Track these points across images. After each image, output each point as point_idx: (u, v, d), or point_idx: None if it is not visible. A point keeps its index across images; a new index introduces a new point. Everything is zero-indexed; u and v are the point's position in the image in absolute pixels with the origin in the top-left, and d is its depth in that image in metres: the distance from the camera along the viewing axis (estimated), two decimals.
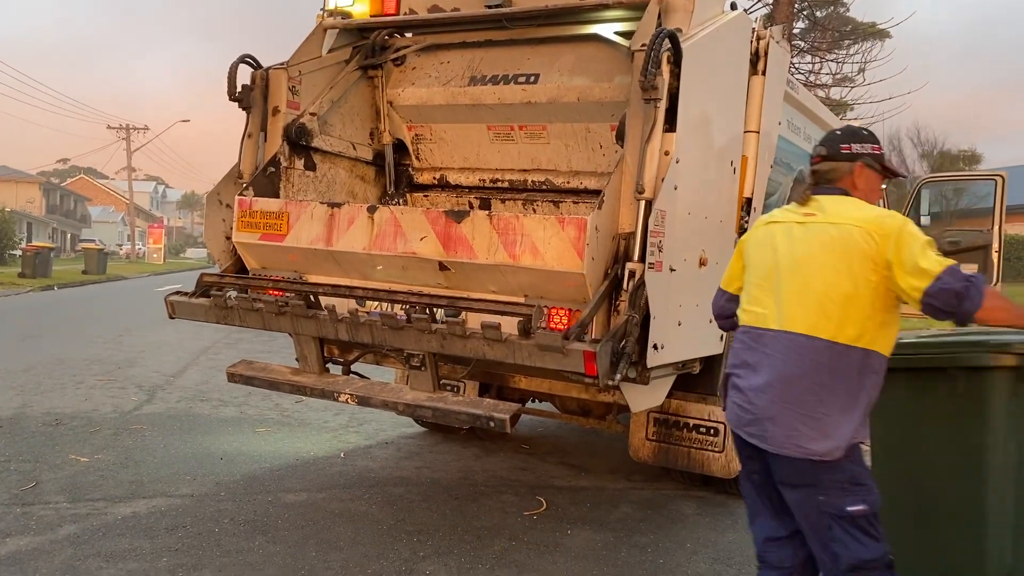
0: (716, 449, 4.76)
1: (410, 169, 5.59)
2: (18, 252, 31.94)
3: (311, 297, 4.16)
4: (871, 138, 2.83)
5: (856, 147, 2.77)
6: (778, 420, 2.58)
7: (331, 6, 5.14)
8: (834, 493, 2.55)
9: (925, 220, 9.73)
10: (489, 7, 4.73)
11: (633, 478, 5.48)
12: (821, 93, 17.95)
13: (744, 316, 2.79)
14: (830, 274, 2.58)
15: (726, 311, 3.03)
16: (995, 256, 8.94)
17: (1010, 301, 2.64)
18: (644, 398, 4.14)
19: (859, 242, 2.56)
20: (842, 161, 2.75)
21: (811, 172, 2.83)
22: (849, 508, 2.54)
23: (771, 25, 4.61)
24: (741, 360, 2.73)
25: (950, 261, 2.54)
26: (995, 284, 9.01)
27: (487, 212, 4.02)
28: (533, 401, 5.54)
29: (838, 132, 2.89)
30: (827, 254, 2.60)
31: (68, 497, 4.64)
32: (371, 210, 4.16)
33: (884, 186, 2.95)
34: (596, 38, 4.73)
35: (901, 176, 3.10)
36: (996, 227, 8.93)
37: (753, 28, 4.46)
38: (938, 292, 2.48)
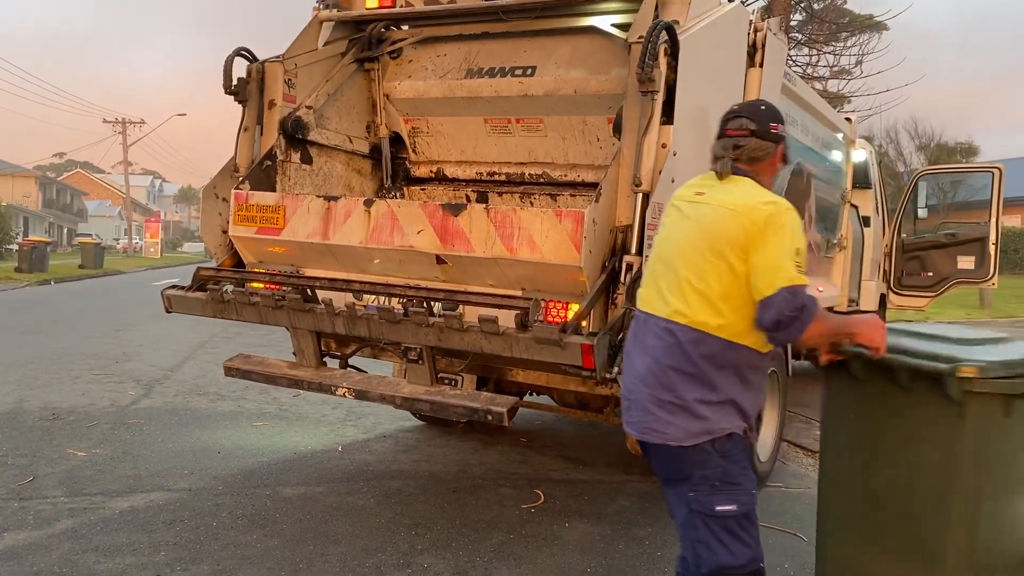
0: None
1: (407, 162, 5.58)
2: (15, 247, 31.88)
3: (308, 291, 4.15)
4: (784, 120, 2.77)
5: (780, 128, 2.69)
6: (642, 406, 2.54)
7: None
8: (703, 489, 2.48)
9: (922, 212, 9.75)
10: None
11: (631, 471, 5.49)
12: (818, 85, 17.93)
13: (639, 299, 2.74)
14: (699, 260, 2.50)
15: None
16: (992, 248, 8.96)
17: (829, 326, 2.60)
18: None
19: (731, 228, 2.47)
20: (769, 142, 2.65)
21: (733, 145, 2.64)
22: (718, 507, 2.47)
23: (768, 17, 4.60)
24: (628, 346, 2.69)
25: (801, 280, 2.41)
26: (992, 277, 9.04)
27: (484, 205, 4.01)
28: (531, 394, 5.54)
29: (763, 108, 2.73)
30: (701, 236, 2.53)
31: (66, 491, 4.64)
32: (368, 203, 4.16)
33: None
34: (593, 30, 4.72)
35: (787, 162, 2.95)
36: (993, 219, 8.94)
37: (750, 20, 4.44)
38: (766, 307, 2.40)
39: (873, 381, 2.80)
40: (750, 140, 2.63)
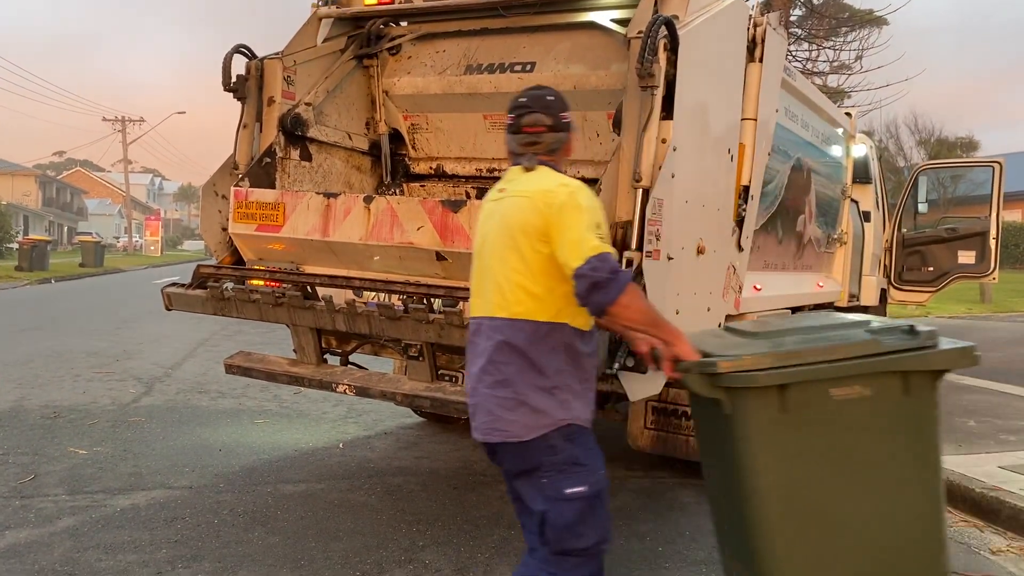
0: None
1: (406, 159, 5.57)
2: (15, 245, 31.89)
3: (308, 288, 4.15)
4: (569, 106, 2.77)
5: (568, 116, 2.72)
6: (482, 408, 2.55)
7: None
8: (553, 476, 2.50)
9: (923, 207, 9.74)
10: None
11: (632, 467, 5.49)
12: (818, 81, 17.91)
13: (469, 310, 2.74)
14: (506, 252, 2.54)
15: None
16: (992, 243, 8.95)
17: (646, 307, 2.57)
18: (642, 387, 4.12)
19: (528, 213, 2.51)
20: (563, 132, 2.69)
21: (530, 142, 2.65)
22: (567, 490, 2.49)
23: (768, 12, 4.59)
24: (468, 355, 2.66)
25: (607, 248, 2.46)
26: (993, 272, 9.03)
27: None
28: None
29: (551, 98, 2.72)
30: (503, 230, 2.56)
31: (67, 489, 4.64)
32: (367, 200, 4.15)
33: None
34: (592, 26, 4.71)
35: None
36: (994, 214, 8.94)
37: (750, 15, 4.43)
38: (582, 276, 2.41)
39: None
40: (547, 135, 2.66)
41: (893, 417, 2.51)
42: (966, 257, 9.14)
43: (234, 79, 4.73)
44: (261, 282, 4.48)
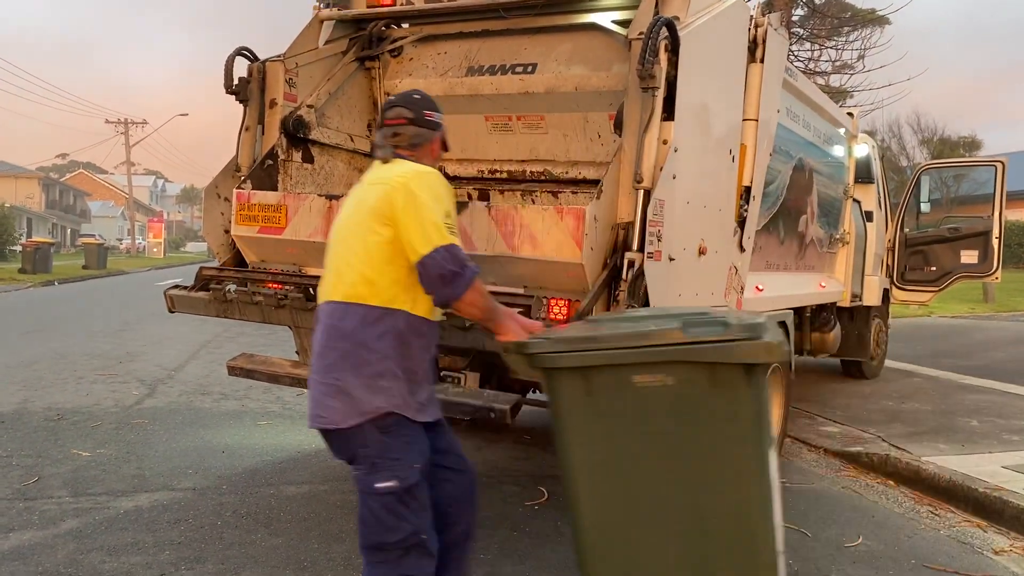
0: None
1: None
2: (18, 248, 31.96)
3: (310, 290, 4.16)
4: (440, 108, 2.88)
5: (436, 116, 2.81)
6: (313, 395, 2.56)
7: None
8: (365, 467, 2.51)
9: (925, 207, 9.75)
10: None
11: None
12: (820, 80, 17.91)
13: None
14: (351, 236, 2.58)
15: None
16: (995, 242, 8.95)
17: (488, 301, 2.63)
18: None
19: (374, 198, 2.55)
20: (426, 128, 2.77)
21: (392, 133, 2.75)
22: (377, 484, 2.49)
23: (770, 12, 4.60)
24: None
25: (455, 240, 2.52)
26: (995, 271, 9.02)
27: (485, 203, 4.01)
28: (534, 391, 5.54)
29: (417, 97, 2.84)
30: (354, 215, 2.62)
31: (70, 491, 4.65)
32: None
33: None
34: (593, 27, 4.72)
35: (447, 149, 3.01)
36: (996, 213, 8.93)
37: (751, 16, 4.44)
38: (429, 265, 2.46)
39: None
40: (408, 128, 2.74)
41: (700, 408, 2.47)
42: (969, 257, 9.14)
43: (236, 82, 4.75)
44: (264, 284, 4.49)
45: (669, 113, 3.66)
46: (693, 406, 2.47)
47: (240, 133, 4.79)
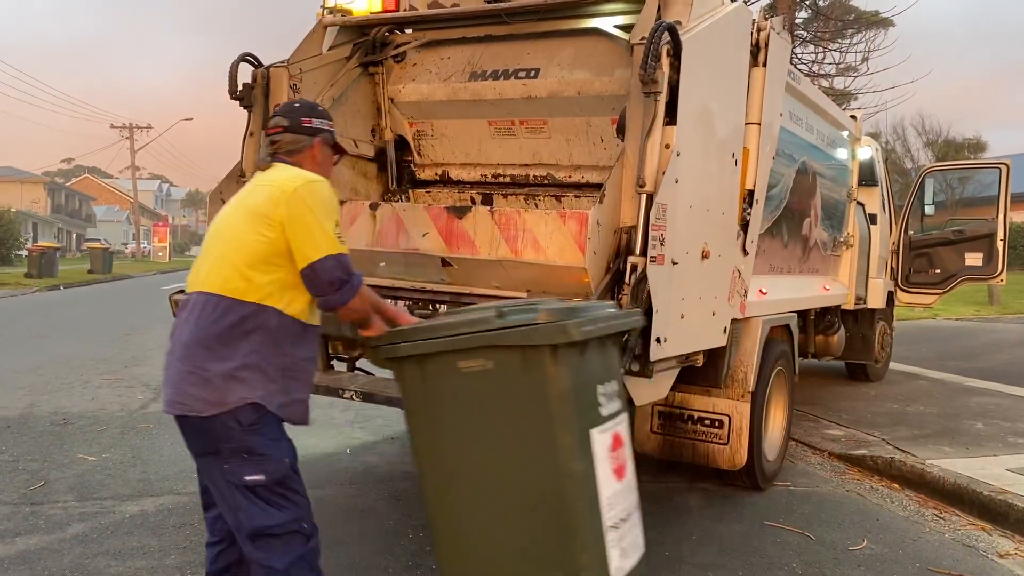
0: (721, 441, 4.76)
1: (412, 165, 5.59)
2: (24, 252, 32.07)
3: None
4: (327, 115, 2.94)
5: (316, 122, 2.87)
6: (173, 381, 2.58)
7: (331, 3, 5.14)
8: (234, 462, 2.56)
9: (929, 209, 9.73)
10: (489, 2, 4.73)
11: (638, 471, 5.43)
12: (824, 83, 17.90)
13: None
14: (232, 234, 2.64)
15: None
16: (1000, 244, 8.93)
17: (368, 308, 2.75)
18: (648, 391, 4.14)
19: (262, 199, 2.62)
20: (303, 135, 2.82)
21: (270, 141, 2.84)
22: (247, 478, 2.56)
23: (772, 16, 4.60)
24: (173, 328, 2.72)
25: (343, 249, 2.62)
26: (1000, 273, 9.01)
27: (489, 207, 4.02)
28: None
29: (297, 105, 2.94)
30: (236, 214, 2.68)
31: (76, 496, 4.67)
32: (373, 207, 4.17)
33: (334, 163, 3.02)
34: (596, 32, 4.73)
35: (347, 153, 3.04)
36: (1001, 215, 8.92)
37: (753, 20, 4.45)
38: (318, 271, 2.56)
39: None
40: (284, 135, 2.82)
41: (515, 389, 2.62)
42: (973, 259, 9.12)
43: (240, 87, 4.76)
44: None
45: (671, 117, 3.67)
46: (509, 388, 2.62)
47: (244, 138, 4.81)
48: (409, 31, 5.39)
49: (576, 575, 2.60)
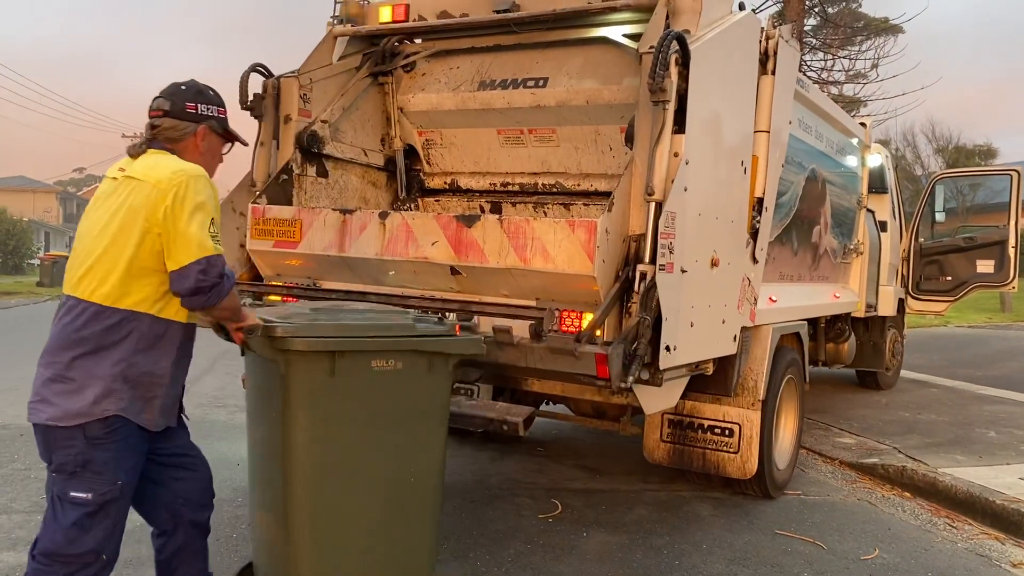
0: (731, 450, 4.75)
1: (421, 174, 5.62)
2: (36, 262, 32.28)
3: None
4: (217, 100, 2.76)
5: (203, 108, 2.70)
6: (35, 387, 2.51)
7: (341, 13, 5.18)
8: (64, 473, 2.47)
9: (940, 216, 9.70)
10: (497, 12, 4.75)
11: (648, 480, 5.48)
12: (834, 90, 17.89)
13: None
14: (103, 232, 2.50)
15: None
16: (1012, 252, 8.90)
17: (236, 303, 2.72)
18: (658, 400, 4.14)
19: (140, 199, 2.48)
20: (187, 120, 2.66)
21: (150, 126, 2.67)
22: (72, 493, 2.47)
23: (781, 23, 4.60)
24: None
25: (216, 250, 2.50)
26: (1012, 280, 8.97)
27: (498, 216, 4.03)
28: (547, 404, 5.55)
29: (183, 87, 2.73)
30: (110, 212, 2.52)
31: None
32: (383, 216, 4.19)
33: (225, 151, 2.88)
34: (604, 41, 4.74)
35: (242, 143, 3.00)
36: (1012, 222, 8.89)
37: (762, 28, 4.45)
38: (185, 276, 2.46)
39: (254, 346, 2.94)
40: (164, 120, 2.65)
41: (419, 390, 3.03)
42: (985, 266, 9.08)
43: (251, 98, 4.80)
44: (278, 298, 4.52)
45: (680, 126, 3.68)
46: (413, 388, 3.01)
47: (255, 148, 4.84)
48: (419, 41, 5.41)
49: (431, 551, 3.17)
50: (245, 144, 2.99)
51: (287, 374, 2.81)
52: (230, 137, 2.84)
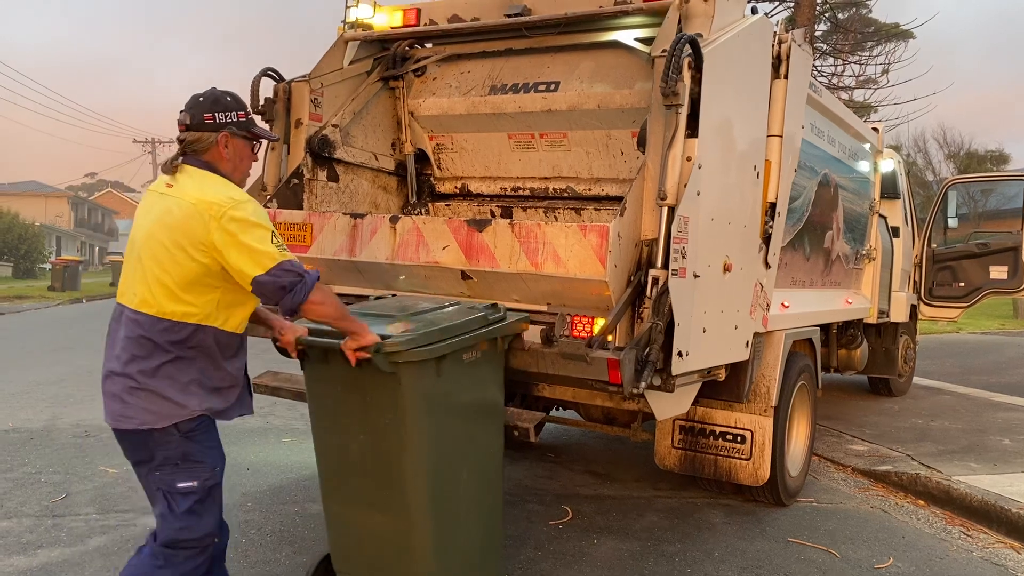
0: (743, 456, 4.71)
1: (432, 179, 5.61)
2: (48, 266, 32.44)
3: None
4: (235, 104, 2.80)
5: (220, 116, 2.75)
6: (114, 395, 2.69)
7: (352, 18, 5.18)
8: (167, 469, 2.68)
9: (952, 222, 9.64)
10: (509, 16, 4.74)
11: (659, 486, 5.45)
12: (844, 95, 17.80)
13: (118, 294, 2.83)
14: (161, 252, 2.64)
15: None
16: None
17: (335, 302, 2.81)
18: (669, 406, 4.11)
19: (193, 221, 2.61)
20: (207, 131, 2.74)
21: (178, 140, 2.78)
22: (180, 484, 2.68)
23: (792, 28, 4.57)
24: (107, 339, 2.83)
25: (286, 255, 2.65)
26: None
27: (509, 220, 4.01)
28: (558, 409, 5.52)
29: (201, 99, 2.79)
30: (163, 231, 2.65)
31: (98, 509, 4.69)
32: (393, 220, 4.18)
33: (257, 150, 2.94)
34: (616, 45, 4.73)
35: (271, 139, 3.19)
36: None
37: (774, 32, 4.42)
38: (266, 283, 2.61)
39: (335, 361, 3.02)
40: (188, 134, 2.74)
41: (490, 374, 3.39)
42: (998, 272, 9.01)
43: (262, 102, 4.80)
44: None
45: (693, 130, 3.65)
46: (486, 373, 3.35)
47: (266, 153, 4.84)
48: (429, 45, 5.41)
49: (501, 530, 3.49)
50: (274, 139, 3.16)
51: (402, 383, 2.97)
52: (255, 136, 2.89)
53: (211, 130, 2.74)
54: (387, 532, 3.21)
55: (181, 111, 2.78)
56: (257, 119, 4.83)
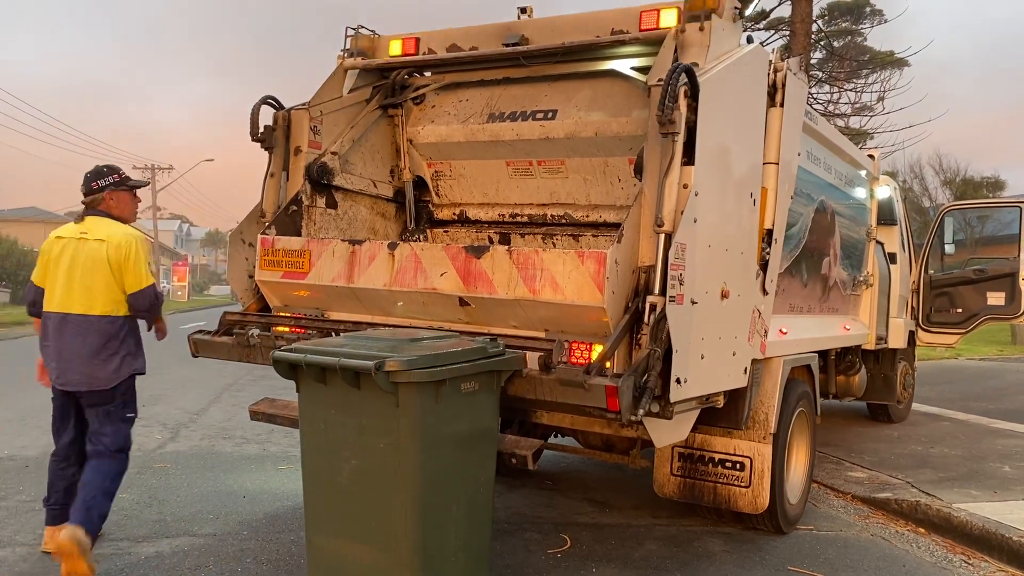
0: (742, 484, 4.69)
1: (430, 205, 5.63)
2: None
3: (333, 334, 4.17)
4: (110, 171, 4.31)
5: (100, 182, 4.26)
6: (78, 369, 4.14)
7: (351, 47, 5.23)
8: (118, 404, 4.26)
9: (949, 248, 9.65)
10: (507, 45, 4.79)
11: (658, 514, 5.41)
12: (840, 123, 17.95)
13: (47, 304, 4.23)
14: (93, 272, 4.14)
15: (36, 300, 4.31)
16: (1022, 284, 8.84)
17: (161, 317, 4.52)
18: (668, 433, 4.10)
19: (107, 252, 4.14)
20: (95, 193, 4.26)
21: (82, 203, 4.28)
22: (128, 414, 4.34)
23: (788, 56, 4.62)
24: (48, 336, 4.23)
25: (152, 280, 4.27)
26: (1023, 313, 8.89)
27: (506, 247, 4.02)
28: (556, 436, 5.50)
29: (88, 174, 4.29)
30: (89, 260, 4.14)
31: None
32: (392, 247, 4.19)
33: (136, 195, 4.44)
34: (613, 74, 4.77)
35: (144, 184, 4.71)
36: (1022, 255, 8.83)
37: (770, 60, 4.47)
38: (136, 299, 4.23)
39: (333, 382, 3.17)
40: (86, 198, 4.30)
41: (487, 407, 3.42)
42: (995, 298, 9.02)
43: (262, 130, 4.83)
44: (287, 328, 4.52)
45: (689, 158, 3.68)
46: (483, 405, 3.40)
47: (265, 179, 4.87)
48: (428, 74, 5.46)
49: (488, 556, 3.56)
50: (143, 185, 4.60)
51: (402, 405, 3.03)
52: (131, 187, 4.38)
53: (98, 191, 4.26)
54: (370, 569, 3.16)
55: (81, 186, 4.26)
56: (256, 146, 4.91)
